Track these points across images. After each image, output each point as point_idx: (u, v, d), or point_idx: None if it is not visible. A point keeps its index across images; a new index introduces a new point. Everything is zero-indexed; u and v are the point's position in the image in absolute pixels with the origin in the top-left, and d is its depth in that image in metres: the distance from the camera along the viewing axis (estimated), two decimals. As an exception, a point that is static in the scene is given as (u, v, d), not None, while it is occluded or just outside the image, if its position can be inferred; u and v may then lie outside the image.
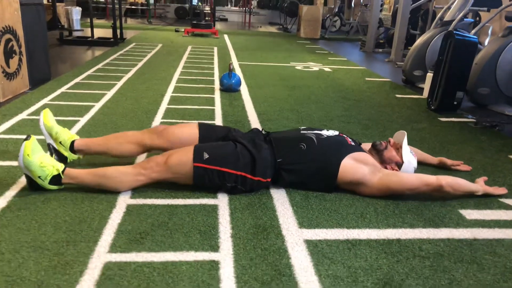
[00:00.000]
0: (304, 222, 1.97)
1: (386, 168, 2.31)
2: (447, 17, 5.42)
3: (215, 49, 7.81)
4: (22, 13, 3.90)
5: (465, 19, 5.26)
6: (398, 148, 2.37)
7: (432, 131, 3.51)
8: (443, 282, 1.59)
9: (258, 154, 2.16)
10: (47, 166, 2.02)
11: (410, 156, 2.37)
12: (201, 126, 2.42)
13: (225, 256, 1.68)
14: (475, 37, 4.08)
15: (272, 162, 2.19)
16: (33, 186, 2.06)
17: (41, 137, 2.35)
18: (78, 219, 1.87)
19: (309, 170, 2.20)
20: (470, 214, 2.13)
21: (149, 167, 2.08)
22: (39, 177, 2.01)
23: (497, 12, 5.30)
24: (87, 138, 2.44)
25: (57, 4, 8.98)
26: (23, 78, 3.99)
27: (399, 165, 2.33)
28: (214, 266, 1.61)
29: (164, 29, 11.15)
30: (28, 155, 1.95)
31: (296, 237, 1.83)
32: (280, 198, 2.17)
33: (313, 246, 1.77)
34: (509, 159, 2.94)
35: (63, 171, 2.05)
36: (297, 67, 6.34)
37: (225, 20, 16.14)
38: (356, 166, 2.19)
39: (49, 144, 2.32)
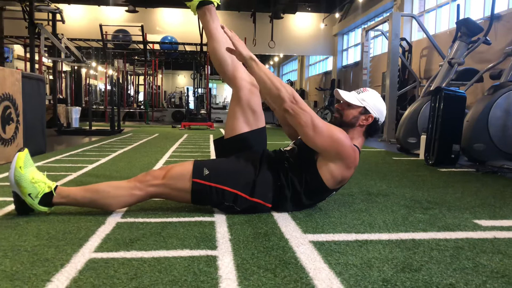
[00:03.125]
0: (309, 229, 1.81)
1: (362, 125, 2.14)
2: (433, 87, 5.64)
3: (211, 135, 7.95)
4: (23, 85, 4.02)
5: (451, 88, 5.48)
6: (348, 105, 2.14)
7: (433, 176, 3.43)
8: (467, 265, 1.43)
9: (259, 173, 2.05)
10: (38, 182, 1.88)
11: (356, 95, 2.15)
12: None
13: (223, 252, 1.51)
14: (463, 91, 4.21)
15: (273, 184, 2.06)
16: (21, 208, 1.91)
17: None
18: (62, 232, 1.72)
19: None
20: (486, 222, 1.99)
21: (145, 181, 1.95)
22: (29, 194, 1.87)
23: (472, 81, 5.56)
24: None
25: (58, 104, 9.32)
26: (18, 146, 3.96)
27: (364, 111, 2.12)
28: (211, 259, 1.44)
29: (161, 127, 11.45)
30: (20, 167, 1.84)
31: (300, 239, 1.67)
32: (281, 215, 2.03)
33: (320, 245, 1.61)
34: (517, 191, 2.84)
35: (55, 189, 1.92)
36: (292, 144, 6.38)
37: (220, 121, 16.70)
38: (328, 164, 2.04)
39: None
